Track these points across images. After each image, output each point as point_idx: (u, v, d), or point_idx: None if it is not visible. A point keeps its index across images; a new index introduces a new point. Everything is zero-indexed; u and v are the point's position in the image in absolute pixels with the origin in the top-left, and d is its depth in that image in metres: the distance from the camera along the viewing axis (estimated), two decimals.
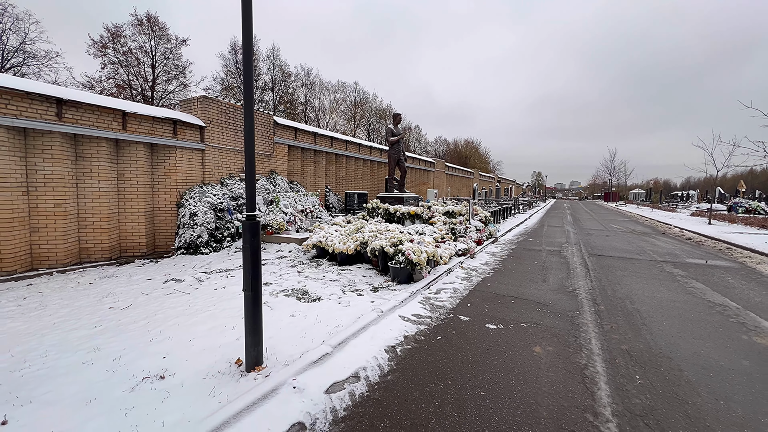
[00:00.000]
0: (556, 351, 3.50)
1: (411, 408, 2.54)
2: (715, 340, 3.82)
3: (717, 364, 3.28)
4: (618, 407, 2.60)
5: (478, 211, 10.65)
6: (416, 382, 2.88)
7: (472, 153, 67.02)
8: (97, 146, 7.46)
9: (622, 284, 6.09)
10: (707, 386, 2.90)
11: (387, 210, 9.02)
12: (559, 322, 4.29)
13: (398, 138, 10.34)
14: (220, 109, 9.94)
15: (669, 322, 4.35)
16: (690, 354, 3.49)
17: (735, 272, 7.29)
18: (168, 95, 22.61)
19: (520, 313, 4.58)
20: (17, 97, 6.30)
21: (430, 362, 3.22)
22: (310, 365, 2.96)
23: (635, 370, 3.14)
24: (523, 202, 26.02)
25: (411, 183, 23.14)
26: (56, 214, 6.92)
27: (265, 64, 28.11)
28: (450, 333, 3.89)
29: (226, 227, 9.05)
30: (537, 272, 6.85)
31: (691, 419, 2.47)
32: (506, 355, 3.39)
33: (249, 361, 2.83)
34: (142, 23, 20.16)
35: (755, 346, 3.71)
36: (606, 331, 4.01)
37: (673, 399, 2.72)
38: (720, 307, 4.96)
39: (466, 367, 3.15)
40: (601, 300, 5.18)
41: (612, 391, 2.80)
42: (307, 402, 2.52)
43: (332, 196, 14.62)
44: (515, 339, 3.77)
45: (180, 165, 8.90)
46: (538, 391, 2.80)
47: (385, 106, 43.18)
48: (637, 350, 3.55)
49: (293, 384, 2.68)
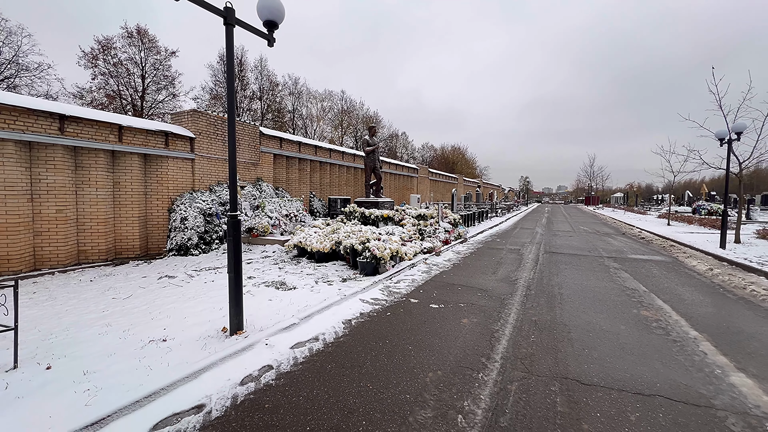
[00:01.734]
0: (479, 321, 4.42)
1: (353, 357, 3.41)
2: (610, 314, 4.80)
3: (600, 329, 4.25)
4: (507, 354, 3.52)
5: (447, 214, 11.62)
6: (361, 342, 3.76)
7: (458, 159, 68.67)
8: (95, 157, 8.19)
9: (559, 275, 7.08)
10: (582, 341, 3.85)
11: (363, 213, 9.91)
12: (492, 302, 5.22)
13: (373, 148, 11.29)
14: (209, 121, 10.74)
15: (581, 302, 5.32)
16: (583, 322, 4.45)
17: (664, 265, 8.37)
18: (158, 105, 23.24)
19: (462, 296, 5.51)
20: (24, 113, 7.03)
21: (376, 330, 4.11)
22: (280, 331, 3.81)
23: (533, 333, 4.07)
24: (502, 206, 27.20)
25: (395, 189, 24.11)
26: (58, 219, 7.61)
27: (253, 74, 29.02)
28: (399, 311, 4.79)
29: (214, 230, 9.81)
30: (491, 266, 7.81)
31: (557, 360, 3.40)
32: (438, 325, 4.29)
33: (232, 327, 3.68)
34: (132, 35, 20.88)
35: (638, 317, 4.69)
36: (526, 308, 4.96)
37: (551, 349, 3.65)
38: (630, 291, 5.97)
39: (404, 332, 4.05)
40: (534, 287, 6.15)
41: (508, 345, 3.72)
42: (275, 353, 3.37)
43: (317, 201, 15.45)
44: (450, 314, 4.68)
45: (171, 173, 9.66)
46: (452, 345, 3.70)
47: (372, 114, 44.33)
48: (543, 320, 4.49)
49: (266, 342, 3.53)
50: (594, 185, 47.24)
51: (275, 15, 3.99)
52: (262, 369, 3.11)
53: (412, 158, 57.16)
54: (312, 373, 3.09)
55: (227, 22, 3.58)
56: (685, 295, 5.78)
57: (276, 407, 2.60)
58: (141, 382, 2.77)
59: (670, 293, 5.85)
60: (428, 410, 2.58)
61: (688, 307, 5.10)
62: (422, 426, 2.40)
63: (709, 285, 6.50)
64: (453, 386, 2.91)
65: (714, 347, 3.75)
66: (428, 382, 2.98)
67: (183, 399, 2.62)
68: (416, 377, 3.05)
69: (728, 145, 10.68)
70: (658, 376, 3.13)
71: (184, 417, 2.44)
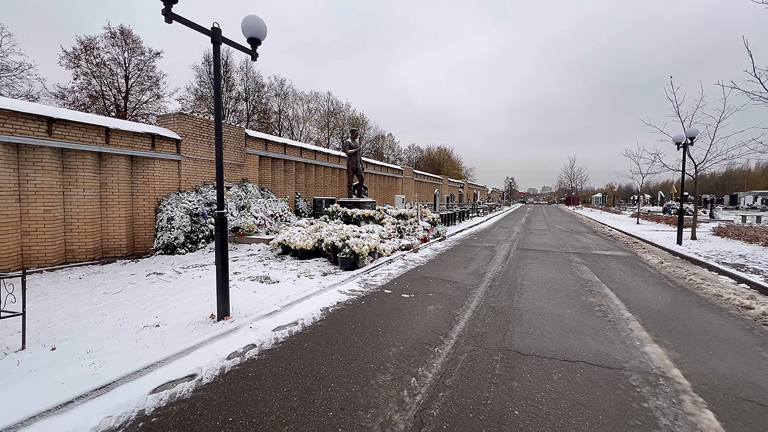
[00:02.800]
0: (444, 308, 4.95)
1: (327, 337, 3.88)
2: (561, 300, 5.40)
3: (548, 312, 4.83)
4: (463, 333, 4.05)
5: (427, 214, 12.18)
6: (336, 326, 4.23)
7: (444, 160, 69.66)
8: (82, 158, 8.41)
9: (525, 269, 7.70)
10: (530, 322, 4.42)
11: (345, 213, 10.36)
12: (458, 292, 5.76)
13: (355, 150, 11.77)
14: (195, 123, 11.01)
15: (538, 291, 5.92)
16: (536, 308, 5.02)
17: (622, 259, 9.11)
18: (142, 105, 23.11)
19: (432, 287, 6.03)
20: (13, 116, 7.23)
21: (350, 316, 4.58)
22: (263, 317, 4.25)
23: (489, 316, 4.62)
24: (484, 206, 28.02)
25: (379, 189, 24.61)
26: (45, 220, 7.81)
27: (239, 75, 29.07)
28: (373, 300, 5.28)
29: (200, 230, 10.10)
30: (463, 262, 8.38)
31: (505, 336, 3.95)
32: (406, 311, 4.80)
33: (219, 313, 4.10)
34: (115, 36, 20.74)
35: (585, 302, 5.31)
36: (488, 297, 5.52)
37: (502, 329, 4.20)
38: (585, 282, 6.61)
39: (375, 317, 4.53)
40: (500, 279, 6.73)
41: (465, 326, 4.25)
42: (258, 335, 3.81)
43: (302, 201, 15.80)
44: (419, 302, 5.19)
45: (158, 174, 9.91)
46: (416, 327, 4.21)
47: (359, 115, 44.76)
48: (501, 306, 5.05)
49: (250, 326, 3.96)
50: (574, 186, 48.89)
51: (258, 33, 4.43)
52: (246, 347, 3.55)
53: (398, 159, 57.79)
54: (290, 350, 3.54)
55: (214, 40, 4.01)
56: (631, 284, 6.45)
57: (258, 375, 3.05)
58: (139, 357, 3.17)
59: (619, 283, 6.52)
60: (388, 375, 3.08)
61: (631, 294, 5.75)
62: (380, 386, 2.89)
63: (656, 276, 7.21)
64: (411, 358, 3.41)
65: (641, 325, 4.37)
66: (391, 355, 3.47)
67: (177, 370, 3.04)
68: (381, 352, 3.54)
69: (684, 149, 11.57)
70: (587, 347, 3.71)
71: (179, 383, 2.86)
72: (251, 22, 4.35)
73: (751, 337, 4.04)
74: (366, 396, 2.75)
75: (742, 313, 4.86)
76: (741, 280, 6.59)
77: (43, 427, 2.27)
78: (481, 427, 2.39)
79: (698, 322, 4.53)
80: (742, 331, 4.22)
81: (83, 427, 2.30)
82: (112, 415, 2.41)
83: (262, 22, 4.43)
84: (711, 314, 4.84)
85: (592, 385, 2.96)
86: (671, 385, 2.96)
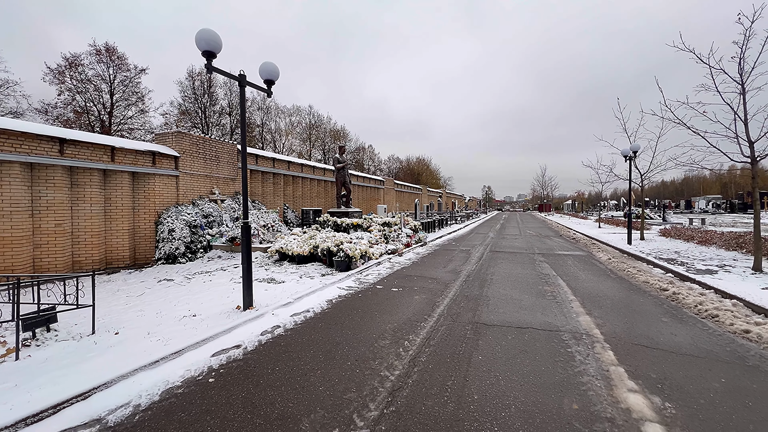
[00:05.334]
0: (427, 297, 6.02)
1: (336, 319, 4.86)
2: (521, 289, 6.58)
3: (510, 298, 5.98)
4: (442, 313, 5.12)
5: (409, 222, 13.32)
6: (341, 312, 5.20)
7: (423, 170, 71.75)
8: (90, 175, 9.04)
9: (495, 267, 8.91)
10: (495, 305, 5.54)
11: (335, 222, 11.34)
12: (439, 286, 6.86)
13: (343, 164, 12.82)
14: (192, 141, 11.77)
15: (505, 283, 7.10)
16: (500, 295, 6.17)
17: (579, 258, 10.51)
18: (127, 121, 23.30)
19: (416, 283, 7.10)
20: (29, 138, 7.86)
21: (351, 305, 5.57)
22: (280, 307, 5.17)
23: (464, 302, 5.72)
24: (462, 214, 29.56)
25: (362, 200, 25.65)
26: (56, 233, 8.38)
27: (222, 90, 29.67)
28: (368, 293, 6.28)
29: (199, 241, 10.79)
30: (443, 263, 9.52)
31: (475, 314, 5.05)
32: (397, 300, 5.83)
33: (245, 304, 4.99)
34: (100, 53, 21.03)
35: (540, 290, 6.51)
36: (463, 288, 6.63)
37: (473, 309, 5.30)
38: (544, 275, 7.86)
39: (372, 305, 5.54)
40: (473, 275, 7.89)
41: (444, 309, 5.33)
42: (280, 319, 4.74)
43: (290, 212, 16.62)
44: (406, 294, 6.24)
45: (158, 189, 10.58)
46: (406, 310, 5.25)
47: (339, 128, 45.94)
48: (473, 295, 6.17)
49: (272, 313, 4.89)
50: (547, 194, 51.81)
51: (272, 75, 5.44)
52: (273, 327, 4.47)
53: (378, 170, 59.19)
54: (308, 328, 4.50)
55: (241, 84, 5.00)
56: (581, 276, 7.76)
57: (288, 344, 3.99)
58: (193, 335, 4.04)
59: (572, 276, 7.81)
60: (387, 340, 4.09)
61: (578, 284, 7.02)
62: (383, 347, 3.90)
63: (602, 270, 8.58)
64: (403, 330, 4.45)
65: (580, 304, 5.58)
66: (388, 329, 4.49)
67: (226, 342, 3.94)
68: (380, 327, 4.55)
69: (630, 161, 13.32)
70: (536, 319, 4.86)
71: (230, 350, 3.77)
72: (267, 67, 5.37)
73: (658, 309, 5.32)
74: (373, 352, 3.75)
75: (658, 294, 6.19)
76: (668, 270, 8.04)
77: (146, 375, 3.14)
78: (455, 366, 3.45)
79: (624, 301, 5.80)
80: (654, 306, 5.51)
81: (173, 376, 3.19)
82: (191, 369, 3.31)
83: (275, 66, 5.45)
84: (635, 295, 6.14)
85: (535, 341, 4.08)
86: (590, 339, 4.14)
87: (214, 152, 12.70)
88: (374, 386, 3.05)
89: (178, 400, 2.86)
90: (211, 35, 4.38)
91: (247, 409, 2.72)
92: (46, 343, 3.83)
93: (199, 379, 3.17)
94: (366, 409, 2.72)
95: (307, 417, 2.62)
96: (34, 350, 3.68)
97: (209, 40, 4.40)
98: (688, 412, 2.67)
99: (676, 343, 4.03)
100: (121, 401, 2.79)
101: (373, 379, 3.17)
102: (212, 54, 4.46)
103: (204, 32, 4.35)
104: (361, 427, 2.50)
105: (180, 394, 2.93)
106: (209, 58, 4.45)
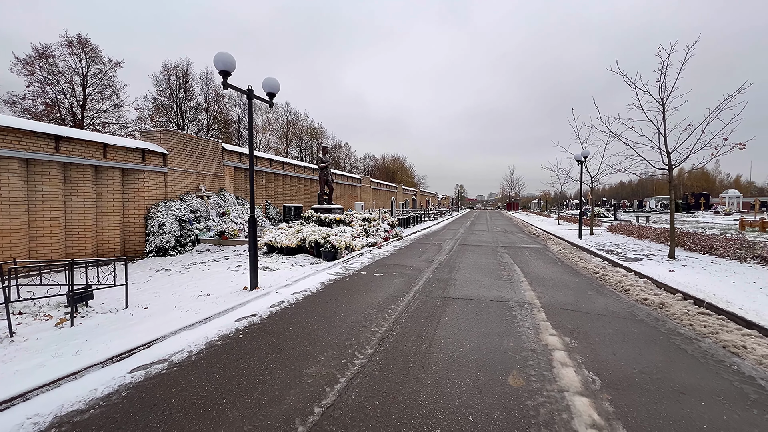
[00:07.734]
0: (405, 280, 7.11)
1: (330, 297, 5.83)
2: (483, 274, 7.82)
3: (473, 280, 7.19)
4: (417, 291, 6.22)
5: (386, 218, 14.40)
6: (333, 291, 6.18)
7: (398, 168, 73.23)
8: (83, 171, 9.41)
9: (463, 257, 10.16)
10: (460, 285, 6.72)
11: (319, 217, 12.21)
12: (414, 272, 7.97)
13: (326, 164, 13.70)
14: (180, 139, 12.22)
15: (470, 269, 8.32)
16: (466, 278, 7.37)
17: (535, 250, 12.01)
18: (101, 115, 22.71)
19: (395, 270, 8.18)
20: (27, 135, 8.21)
21: (342, 286, 6.56)
22: (281, 287, 6.08)
23: (435, 283, 6.86)
24: (435, 212, 31.06)
25: (341, 197, 26.47)
26: (52, 226, 8.75)
27: (199, 86, 29.40)
28: (354, 278, 7.29)
29: (188, 235, 11.33)
30: (417, 254, 10.68)
31: (444, 292, 6.19)
32: (379, 282, 6.88)
33: (251, 285, 5.86)
34: (72, 44, 20.41)
35: (499, 274, 7.78)
36: (435, 273, 7.78)
37: (442, 288, 6.44)
38: (503, 263, 9.18)
39: (359, 287, 6.56)
40: (444, 263, 9.08)
41: (419, 288, 6.44)
42: (283, 296, 5.66)
43: (272, 209, 17.23)
44: (387, 278, 7.30)
45: (147, 185, 11.02)
46: (388, 290, 6.31)
47: (316, 126, 46.27)
48: (443, 278, 7.33)
49: (276, 292, 5.79)
50: (515, 192, 54.72)
51: (273, 88, 6.30)
52: (279, 302, 5.39)
53: (354, 168, 59.90)
54: (309, 303, 5.45)
55: (249, 96, 5.84)
56: (534, 264, 9.14)
57: (295, 313, 4.94)
58: (215, 308, 4.89)
59: (526, 263, 9.17)
60: (374, 309, 5.13)
61: (530, 269, 8.37)
62: (371, 314, 4.94)
63: (552, 259, 10.04)
64: (387, 302, 5.50)
65: (529, 284, 6.87)
66: (374, 302, 5.53)
67: (243, 312, 4.83)
68: (368, 301, 5.58)
69: (581, 164, 15.08)
70: (492, 294, 6.07)
71: (248, 318, 4.67)
72: (269, 82, 6.22)
73: (588, 286, 6.70)
74: (364, 317, 4.78)
75: (591, 276, 7.62)
76: (604, 258, 9.60)
77: (188, 333, 4.00)
78: (428, 324, 4.54)
79: (564, 281, 7.16)
80: (585, 284, 6.89)
81: (210, 334, 4.07)
82: (222, 329, 4.20)
83: (277, 81, 6.31)
84: (573, 277, 7.54)
85: (489, 308, 5.27)
86: (531, 306, 5.37)
87: (201, 150, 13.17)
88: (368, 337, 4.09)
89: (220, 348, 3.76)
90: (227, 58, 5.21)
91: (276, 351, 3.67)
92: (90, 315, 4.56)
93: (231, 336, 4.08)
94: (364, 349, 3.75)
95: (321, 354, 3.62)
96: (80, 321, 4.41)
97: (225, 62, 5.22)
98: (585, 345, 3.90)
99: (593, 307, 5.34)
100: (176, 348, 3.65)
101: (367, 332, 4.21)
102: (227, 73, 5.28)
103: (221, 55, 5.17)
104: (361, 359, 3.53)
105: (220, 345, 3.83)
106: (225, 76, 5.27)
